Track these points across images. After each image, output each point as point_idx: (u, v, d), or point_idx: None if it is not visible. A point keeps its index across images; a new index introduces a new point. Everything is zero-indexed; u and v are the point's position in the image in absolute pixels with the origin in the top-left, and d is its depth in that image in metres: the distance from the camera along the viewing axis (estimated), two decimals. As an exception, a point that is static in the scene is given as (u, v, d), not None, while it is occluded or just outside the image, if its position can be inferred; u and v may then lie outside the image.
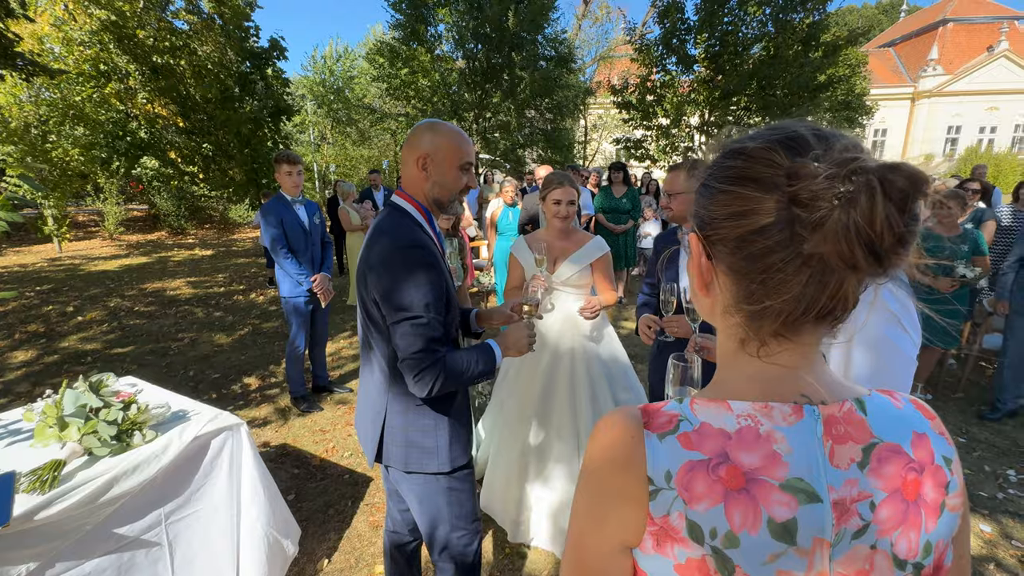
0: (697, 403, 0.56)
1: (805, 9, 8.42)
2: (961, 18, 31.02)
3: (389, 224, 1.34)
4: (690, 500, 0.52)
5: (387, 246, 1.27)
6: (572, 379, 2.18)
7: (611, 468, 0.56)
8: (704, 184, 0.58)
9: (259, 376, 4.42)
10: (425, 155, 1.35)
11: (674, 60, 9.61)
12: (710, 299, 0.61)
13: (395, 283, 1.25)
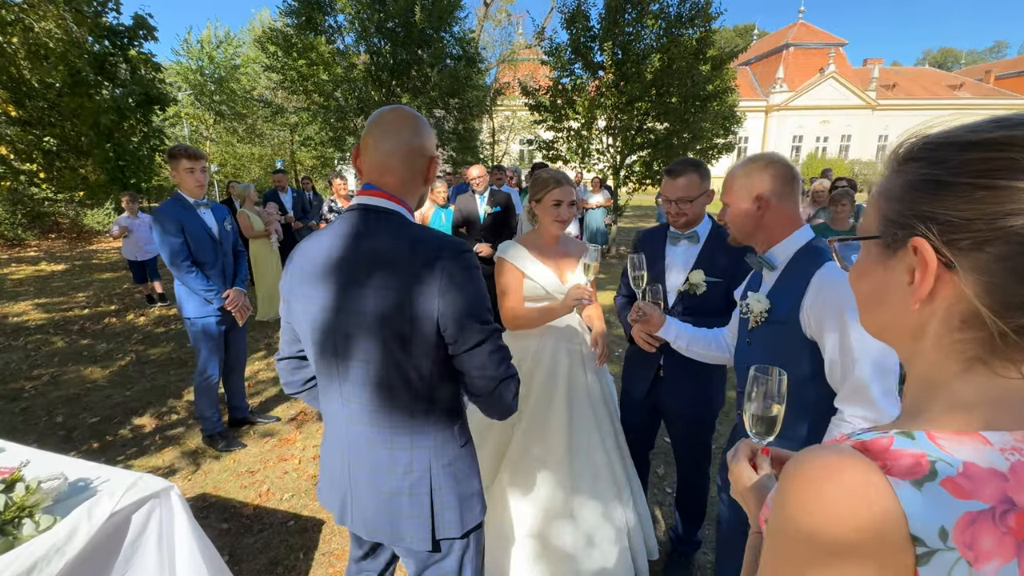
0: (940, 438, 0.47)
1: (693, 26, 9.22)
2: (800, 43, 36.52)
3: (421, 231, 1.09)
4: (975, 560, 0.42)
5: (449, 254, 1.02)
6: (571, 402, 1.93)
7: (849, 530, 0.44)
8: (935, 181, 0.50)
9: (154, 415, 3.71)
10: (433, 159, 1.16)
11: (580, 65, 9.98)
12: (918, 315, 0.52)
13: (473, 295, 1.04)
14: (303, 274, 1.11)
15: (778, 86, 34.82)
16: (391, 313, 1.01)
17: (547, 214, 1.93)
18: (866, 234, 0.58)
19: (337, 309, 1.05)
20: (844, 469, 0.46)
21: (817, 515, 0.46)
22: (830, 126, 35.58)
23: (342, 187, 5.89)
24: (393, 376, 1.06)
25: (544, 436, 1.88)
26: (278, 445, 3.33)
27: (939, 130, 0.53)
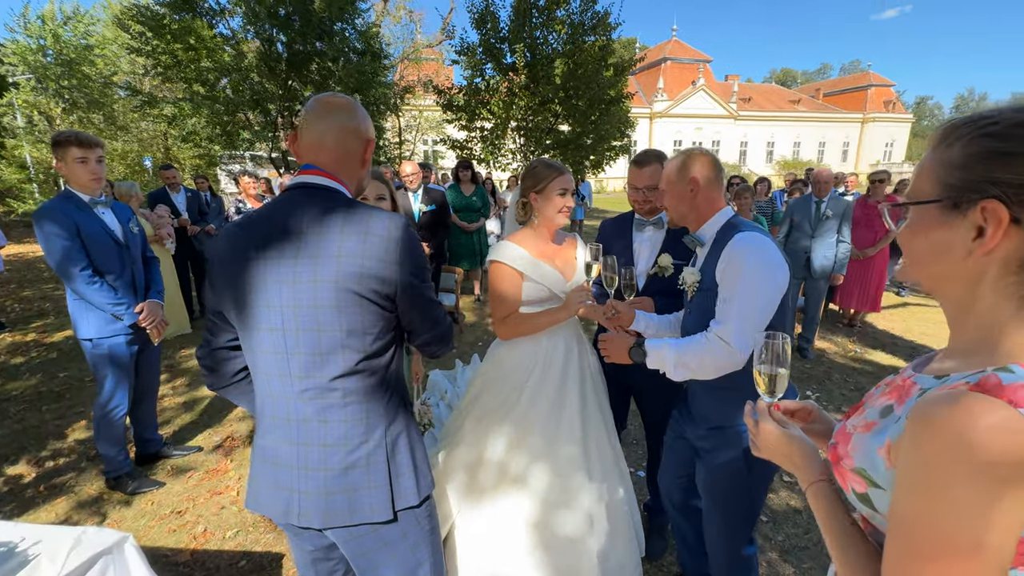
0: None
1: (596, 33, 9.79)
2: (675, 57, 40.49)
3: (366, 206, 1.13)
4: None
5: (400, 224, 1.10)
6: (584, 398, 1.89)
7: (1006, 454, 0.51)
8: (1005, 153, 0.59)
9: (32, 461, 3.03)
10: (369, 141, 1.20)
11: (491, 66, 10.08)
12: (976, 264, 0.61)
13: (421, 260, 1.12)
14: (239, 255, 1.09)
15: (659, 95, 38.28)
16: (346, 280, 1.03)
17: (551, 205, 1.81)
18: (924, 199, 0.65)
19: (285, 282, 1.05)
20: (986, 411, 0.53)
21: (985, 448, 0.52)
22: (703, 132, 39.92)
23: (251, 186, 5.29)
24: (348, 344, 1.06)
25: (561, 437, 1.82)
26: (206, 478, 2.91)
27: (985, 111, 0.62)
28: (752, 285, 1.37)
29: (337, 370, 1.06)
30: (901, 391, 0.70)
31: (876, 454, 0.66)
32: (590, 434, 1.85)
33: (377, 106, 11.77)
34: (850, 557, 0.69)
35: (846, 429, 0.76)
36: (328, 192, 1.11)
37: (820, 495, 0.78)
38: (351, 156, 1.16)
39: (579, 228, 12.38)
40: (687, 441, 1.73)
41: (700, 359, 1.41)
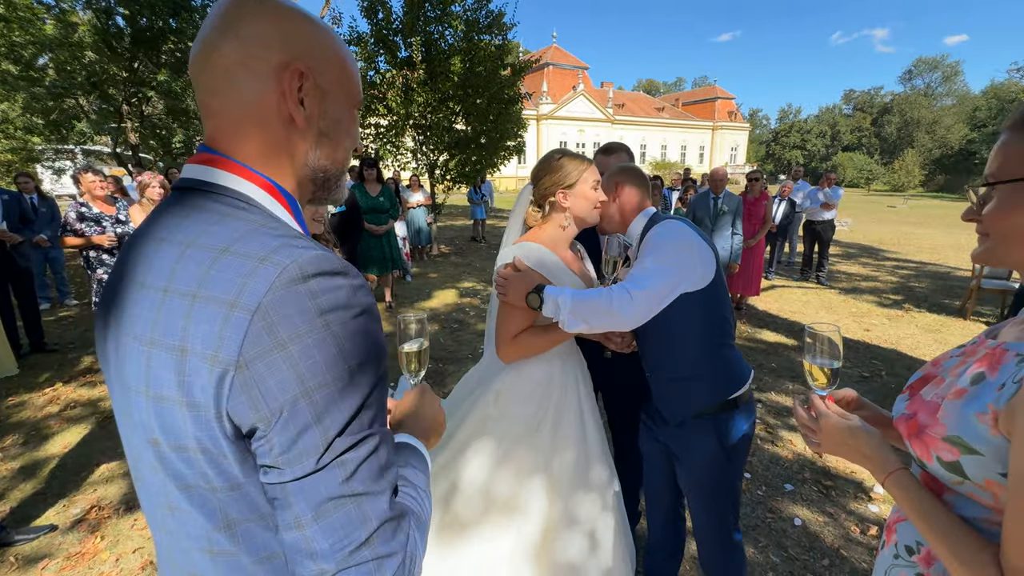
0: None
1: (491, 33, 9.75)
2: (556, 63, 42.56)
3: (225, 233, 0.54)
4: None
5: (265, 277, 0.50)
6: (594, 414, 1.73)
7: None
8: None
9: None
10: (299, 68, 0.59)
11: (384, 59, 9.52)
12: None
13: (310, 369, 0.49)
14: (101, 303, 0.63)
15: (544, 98, 39.92)
16: (156, 391, 0.53)
17: (585, 202, 1.56)
18: (1018, 177, 0.66)
19: (114, 374, 0.60)
20: None
21: None
22: (585, 135, 42.56)
23: (98, 185, 4.28)
24: (177, 502, 0.56)
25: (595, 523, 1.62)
26: (68, 567, 2.23)
27: None
28: (661, 255, 1.42)
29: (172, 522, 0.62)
30: (991, 359, 0.70)
31: (973, 419, 0.67)
32: (604, 458, 1.71)
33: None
34: (962, 540, 0.67)
35: (924, 397, 0.76)
36: (206, 195, 0.59)
37: (904, 484, 0.76)
38: (244, 113, 0.59)
39: (482, 227, 12.30)
40: (661, 444, 1.70)
41: (596, 307, 1.37)
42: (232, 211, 0.57)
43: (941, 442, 0.71)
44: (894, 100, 60.49)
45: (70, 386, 4.01)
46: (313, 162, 0.65)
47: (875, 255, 10.67)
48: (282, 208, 0.63)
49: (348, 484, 0.50)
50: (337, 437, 0.50)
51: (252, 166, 0.61)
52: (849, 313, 6.18)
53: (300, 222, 0.65)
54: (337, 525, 0.50)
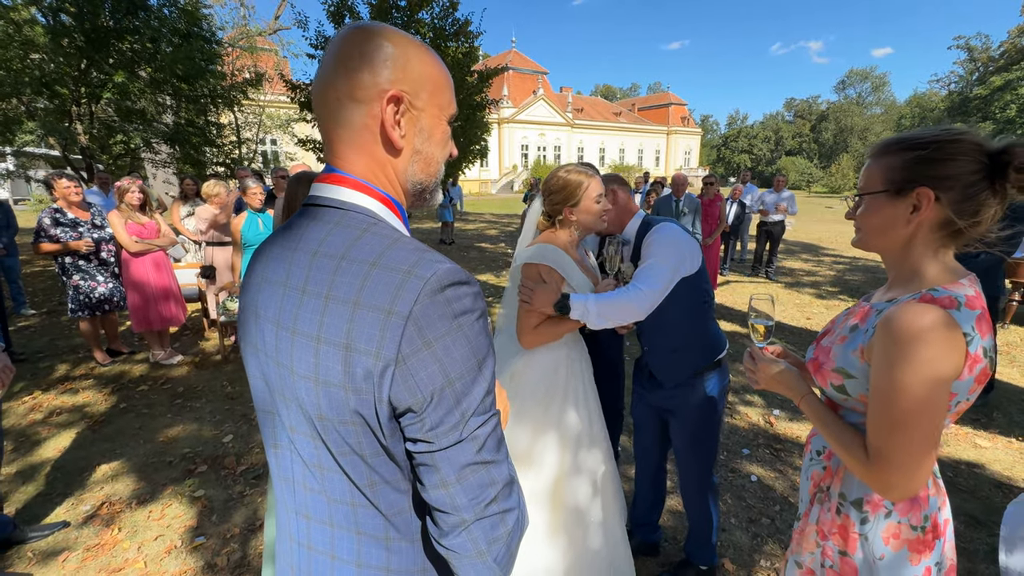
0: (946, 288, 0.92)
1: (457, 40, 9.99)
2: (516, 67, 43.04)
3: (375, 245, 0.64)
4: (982, 336, 0.88)
5: (412, 289, 0.60)
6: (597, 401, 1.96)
7: (946, 337, 0.85)
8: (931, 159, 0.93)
9: None
10: (395, 95, 0.67)
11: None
12: (911, 229, 0.96)
13: (451, 363, 0.61)
14: (247, 299, 0.76)
15: (505, 102, 40.33)
16: (324, 378, 0.63)
17: (592, 215, 1.78)
18: (876, 190, 0.99)
19: (273, 361, 0.70)
20: (927, 311, 0.86)
21: (934, 333, 0.85)
22: (546, 139, 43.31)
23: (72, 191, 4.23)
24: (330, 464, 0.68)
25: (596, 473, 1.86)
26: (90, 558, 2.33)
27: (907, 133, 0.98)
28: (661, 254, 1.74)
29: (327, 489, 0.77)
30: (862, 315, 1.03)
31: (851, 355, 0.98)
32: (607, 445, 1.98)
33: (213, 100, 10.26)
34: (845, 435, 0.99)
35: (823, 345, 1.09)
36: (346, 215, 0.68)
37: (811, 402, 1.09)
38: (352, 135, 0.69)
39: (451, 230, 12.47)
40: (654, 408, 2.04)
41: (617, 307, 1.67)
42: (367, 226, 0.67)
43: (832, 373, 1.02)
44: (830, 108, 64.91)
45: (50, 394, 3.96)
46: (411, 176, 0.74)
47: (815, 252, 11.63)
48: (396, 219, 0.73)
49: (480, 454, 0.63)
50: (472, 416, 0.62)
51: (370, 182, 0.70)
52: (793, 304, 6.82)
53: (408, 230, 0.76)
54: (473, 486, 0.63)
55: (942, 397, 0.86)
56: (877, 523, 0.98)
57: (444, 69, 0.74)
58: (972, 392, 0.90)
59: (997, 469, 2.97)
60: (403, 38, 0.69)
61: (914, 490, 0.91)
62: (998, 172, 0.88)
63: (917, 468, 0.88)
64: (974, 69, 36.03)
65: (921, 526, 0.97)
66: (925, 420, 0.86)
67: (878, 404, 0.90)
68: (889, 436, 0.89)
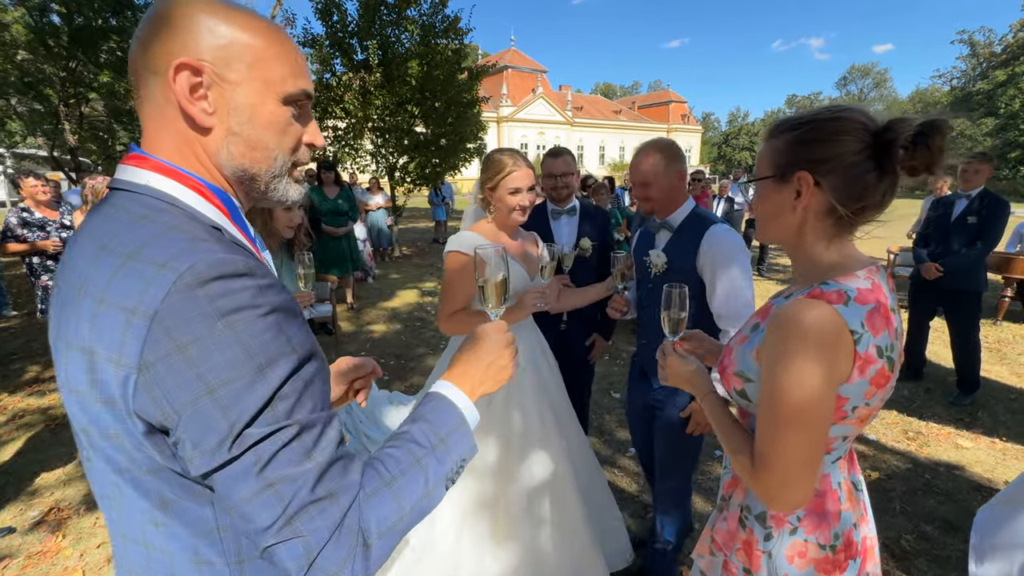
0: (837, 280, 0.83)
1: (447, 37, 9.88)
2: (515, 66, 42.96)
3: (136, 237, 0.56)
4: (875, 334, 0.79)
5: (162, 284, 0.52)
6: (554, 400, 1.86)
7: (827, 335, 0.77)
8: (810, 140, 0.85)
9: None
10: (192, 65, 0.59)
11: (340, 61, 9.48)
12: (800, 215, 0.88)
13: (211, 368, 0.52)
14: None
15: (504, 101, 40.25)
16: (74, 387, 0.57)
17: (504, 205, 1.71)
18: (764, 175, 0.92)
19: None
20: (812, 307, 0.78)
21: (805, 334, 0.76)
22: (545, 137, 43.17)
23: (40, 190, 4.17)
24: (116, 481, 0.61)
25: (545, 472, 1.76)
26: (30, 565, 2.26)
27: (799, 113, 0.89)
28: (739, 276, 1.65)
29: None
30: (764, 313, 0.95)
31: (749, 357, 0.90)
32: (574, 448, 1.89)
33: (202, 98, 10.20)
34: (734, 438, 0.92)
35: (729, 346, 1.00)
36: (128, 197, 0.61)
37: (711, 401, 1.01)
38: (155, 112, 0.62)
39: (443, 229, 12.40)
40: (644, 405, 1.96)
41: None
42: (150, 212, 0.58)
43: (733, 376, 0.93)
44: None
45: (16, 396, 3.90)
46: (229, 161, 0.64)
47: (811, 249, 11.50)
48: (211, 207, 0.63)
49: (263, 472, 0.53)
50: (246, 428, 0.52)
51: (178, 164, 0.62)
52: (784, 301, 6.72)
53: (238, 221, 0.68)
54: (259, 510, 0.53)
55: (824, 403, 0.77)
56: (781, 540, 0.89)
57: (275, 39, 0.64)
58: (870, 396, 0.81)
59: (978, 471, 2.86)
60: (213, 4, 0.61)
61: (796, 502, 0.82)
62: (883, 152, 0.79)
63: (798, 478, 0.80)
64: (977, 64, 35.67)
65: (831, 544, 0.88)
66: (805, 427, 0.77)
67: (763, 408, 0.82)
68: (771, 442, 0.80)
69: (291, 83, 0.65)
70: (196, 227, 0.58)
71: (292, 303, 0.61)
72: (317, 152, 10.00)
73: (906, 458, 3.01)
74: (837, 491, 0.90)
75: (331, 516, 0.55)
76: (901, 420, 3.48)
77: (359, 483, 0.59)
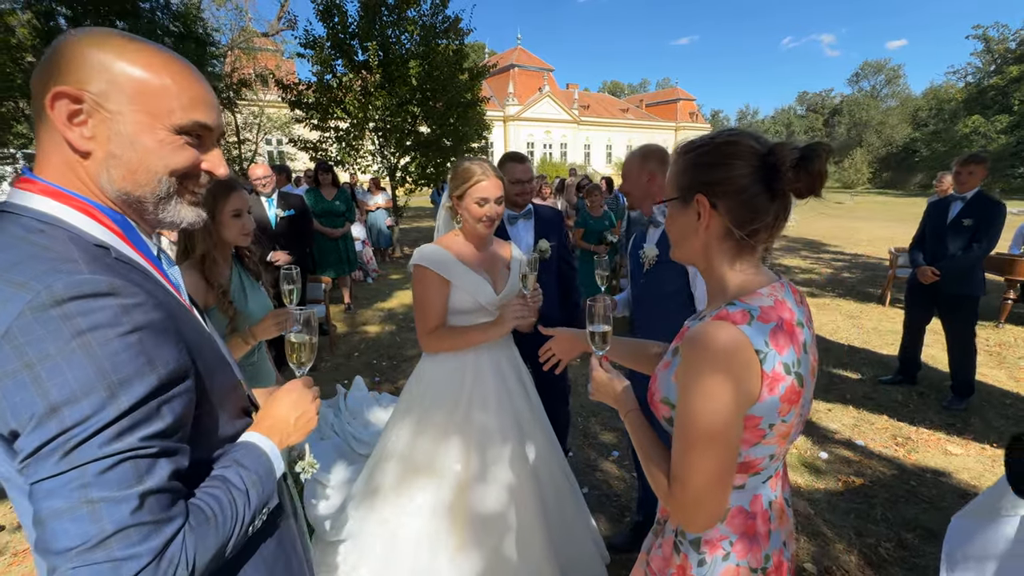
0: (742, 300, 0.83)
1: (448, 37, 9.90)
2: (522, 65, 42.90)
3: (6, 258, 0.59)
4: (780, 351, 0.79)
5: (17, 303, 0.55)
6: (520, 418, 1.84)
7: (732, 356, 0.77)
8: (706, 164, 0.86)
9: None
10: (70, 94, 0.63)
11: (341, 62, 9.54)
12: (703, 237, 0.89)
13: (56, 386, 0.54)
14: None
15: (510, 100, 40.23)
16: None
17: (470, 214, 1.68)
18: (670, 197, 0.93)
19: None
20: (719, 328, 0.78)
21: (710, 355, 0.77)
22: (552, 136, 43.08)
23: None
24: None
25: (505, 483, 1.74)
26: (15, 563, 2.32)
27: (694, 138, 0.91)
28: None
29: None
30: (682, 336, 0.95)
31: (671, 381, 0.90)
32: (540, 465, 1.86)
33: (206, 100, 10.31)
34: (652, 457, 0.92)
35: (655, 372, 0.99)
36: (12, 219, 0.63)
37: (632, 419, 1.02)
38: (40, 137, 0.67)
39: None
40: (641, 400, 1.98)
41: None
42: (27, 235, 0.61)
43: (660, 404, 0.92)
44: (844, 102, 63.60)
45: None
46: (108, 183, 0.67)
47: (815, 248, 11.37)
48: (99, 226, 0.66)
49: (85, 490, 0.53)
50: (80, 446, 0.53)
51: (64, 186, 0.65)
52: (782, 303, 6.65)
53: (134, 240, 0.70)
54: (69, 527, 0.53)
55: (732, 423, 0.77)
56: (714, 565, 0.89)
57: (168, 73, 0.68)
58: (785, 413, 0.81)
59: (964, 478, 2.82)
60: (105, 40, 0.65)
61: (706, 523, 0.83)
62: (771, 175, 0.80)
63: (709, 497, 0.80)
64: (991, 60, 35.00)
65: (762, 567, 0.88)
66: (715, 447, 0.77)
67: (676, 428, 0.83)
68: (682, 463, 0.81)
69: (180, 115, 0.68)
70: (69, 248, 0.60)
71: (166, 321, 0.62)
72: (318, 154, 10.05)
73: (893, 464, 2.97)
74: (768, 511, 0.90)
75: (153, 543, 0.56)
76: (891, 425, 3.44)
77: (185, 516, 0.61)
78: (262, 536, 0.79)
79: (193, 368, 0.66)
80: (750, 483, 0.88)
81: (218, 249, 1.68)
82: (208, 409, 0.71)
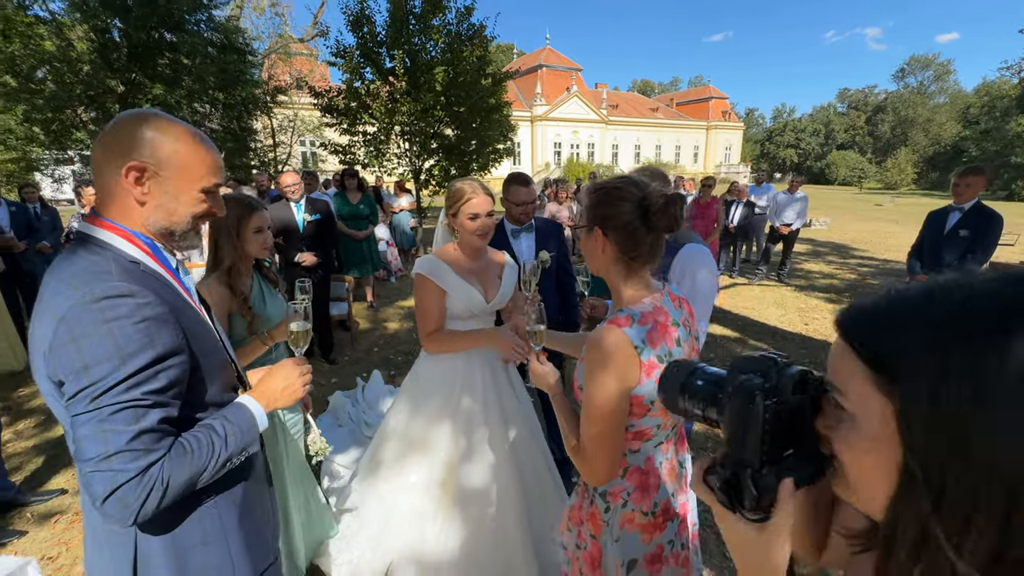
0: (629, 306, 1.07)
1: (472, 44, 10.19)
2: (550, 64, 42.93)
3: (74, 269, 0.88)
4: (654, 345, 1.02)
5: (66, 303, 0.83)
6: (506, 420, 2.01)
7: (615, 352, 1.00)
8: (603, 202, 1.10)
9: None
10: (131, 167, 0.92)
11: (370, 70, 9.96)
12: (604, 260, 1.13)
13: (90, 354, 0.82)
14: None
15: (538, 100, 40.35)
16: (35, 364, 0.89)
17: (465, 227, 1.85)
18: (580, 225, 1.17)
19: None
20: (609, 331, 1.02)
21: (602, 353, 1.01)
22: (579, 136, 42.97)
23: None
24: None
25: (488, 464, 1.93)
26: (77, 520, 2.69)
27: (599, 181, 1.15)
28: (705, 287, 1.97)
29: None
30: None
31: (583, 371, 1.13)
32: (525, 468, 2.03)
33: (245, 106, 10.96)
34: (569, 427, 1.16)
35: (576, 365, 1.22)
36: (82, 241, 0.93)
37: (559, 400, 1.24)
38: (108, 189, 0.94)
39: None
40: None
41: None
42: (88, 255, 0.90)
43: (578, 390, 1.14)
44: (888, 98, 60.91)
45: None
46: (151, 223, 0.97)
47: (843, 253, 11.13)
48: (135, 248, 0.95)
49: (101, 424, 0.82)
50: (103, 394, 0.82)
51: (117, 221, 0.95)
52: (796, 308, 6.64)
53: (159, 257, 1.00)
54: (90, 446, 0.82)
55: (618, 403, 1.01)
56: (616, 511, 1.13)
57: (199, 147, 0.98)
58: None
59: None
60: (158, 121, 0.95)
61: (602, 478, 1.07)
62: (646, 214, 1.04)
63: (602, 459, 1.05)
64: (1051, 54, 32.87)
65: (651, 511, 1.12)
66: (606, 421, 1.02)
67: (582, 406, 1.07)
68: (584, 434, 1.06)
69: (207, 180, 1.00)
70: (110, 264, 0.90)
71: (168, 314, 0.90)
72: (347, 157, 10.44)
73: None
74: (658, 469, 1.14)
75: (138, 464, 0.83)
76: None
77: (168, 449, 0.88)
78: (236, 483, 1.04)
79: (187, 348, 0.93)
80: (644, 448, 1.12)
81: (242, 261, 1.90)
82: (200, 378, 0.98)
